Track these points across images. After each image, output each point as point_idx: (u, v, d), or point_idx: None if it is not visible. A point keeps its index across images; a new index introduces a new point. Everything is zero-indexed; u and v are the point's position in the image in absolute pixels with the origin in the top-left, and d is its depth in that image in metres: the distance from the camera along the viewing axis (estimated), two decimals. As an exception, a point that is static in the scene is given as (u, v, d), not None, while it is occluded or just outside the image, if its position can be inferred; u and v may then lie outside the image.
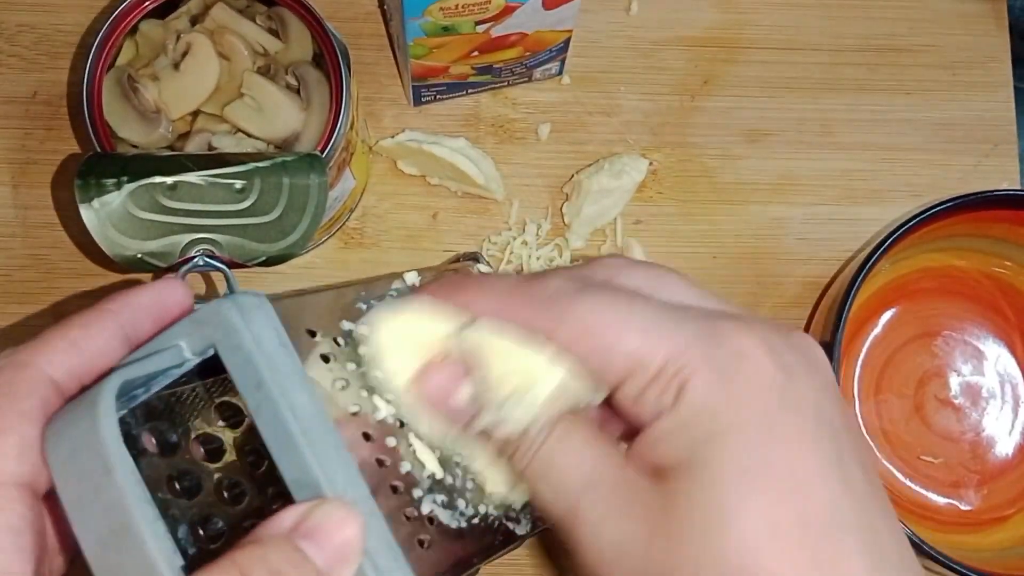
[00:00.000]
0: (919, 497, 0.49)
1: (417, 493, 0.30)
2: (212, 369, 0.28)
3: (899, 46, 0.55)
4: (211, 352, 0.26)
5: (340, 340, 0.30)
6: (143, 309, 0.29)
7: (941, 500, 0.49)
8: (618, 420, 0.31)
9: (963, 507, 0.49)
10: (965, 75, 0.55)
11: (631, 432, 0.29)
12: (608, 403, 0.31)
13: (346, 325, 0.30)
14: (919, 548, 0.42)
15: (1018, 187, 0.53)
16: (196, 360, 0.27)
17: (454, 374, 0.30)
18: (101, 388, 0.25)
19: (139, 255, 0.40)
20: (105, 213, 0.39)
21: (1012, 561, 0.46)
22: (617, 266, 0.31)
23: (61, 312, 0.49)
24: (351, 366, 0.30)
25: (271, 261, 0.41)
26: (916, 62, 0.55)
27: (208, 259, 0.40)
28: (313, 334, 0.29)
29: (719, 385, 0.27)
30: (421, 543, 0.29)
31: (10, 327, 0.49)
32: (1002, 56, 0.55)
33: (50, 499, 0.26)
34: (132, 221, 0.39)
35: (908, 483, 0.49)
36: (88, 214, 0.39)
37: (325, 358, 0.29)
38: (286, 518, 0.25)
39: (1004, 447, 0.50)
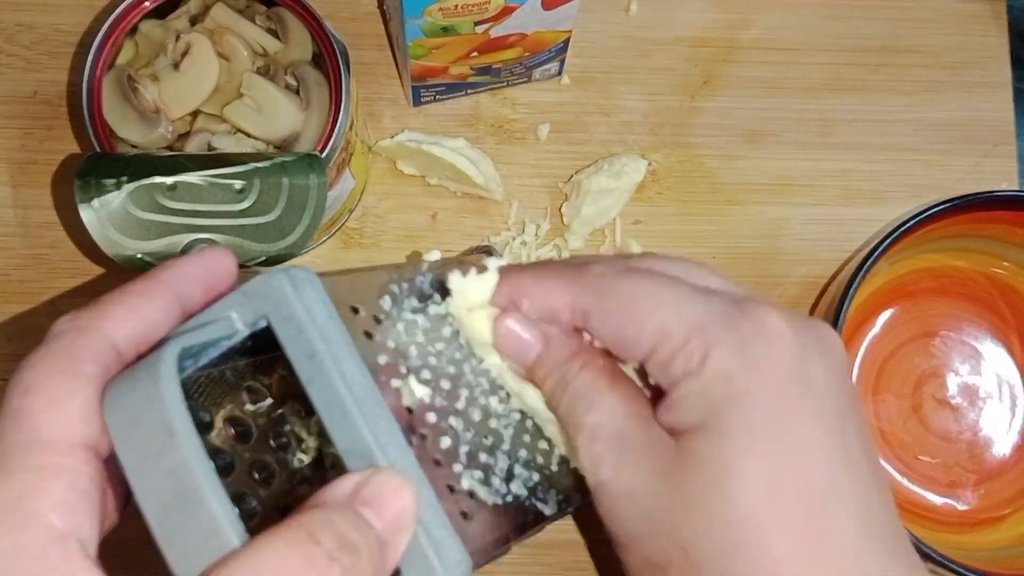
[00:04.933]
0: (916, 497, 0.49)
1: (457, 468, 0.30)
2: (246, 350, 0.28)
3: (899, 46, 0.55)
4: (262, 324, 0.27)
5: (380, 317, 0.30)
6: (194, 278, 0.29)
7: (938, 500, 0.49)
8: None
9: (960, 507, 0.49)
10: (965, 75, 0.55)
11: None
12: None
13: (385, 304, 0.31)
14: (916, 548, 0.42)
15: (1017, 188, 0.54)
16: (246, 331, 0.27)
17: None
18: (162, 353, 0.25)
19: (138, 255, 0.40)
20: (105, 213, 0.39)
21: (1009, 561, 0.46)
22: (654, 259, 0.35)
23: (60, 312, 0.49)
24: (391, 343, 0.30)
25: (271, 261, 0.41)
26: (916, 62, 0.55)
27: (207, 259, 0.40)
28: (356, 311, 0.29)
29: (739, 354, 0.29)
30: (464, 515, 0.29)
31: (10, 326, 0.49)
32: (1001, 56, 0.55)
33: (106, 462, 0.26)
34: (132, 221, 0.40)
35: (905, 483, 0.49)
36: (87, 214, 0.39)
37: (367, 334, 0.29)
38: (345, 485, 0.25)
39: (1001, 447, 0.50)
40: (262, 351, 0.27)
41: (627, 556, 0.31)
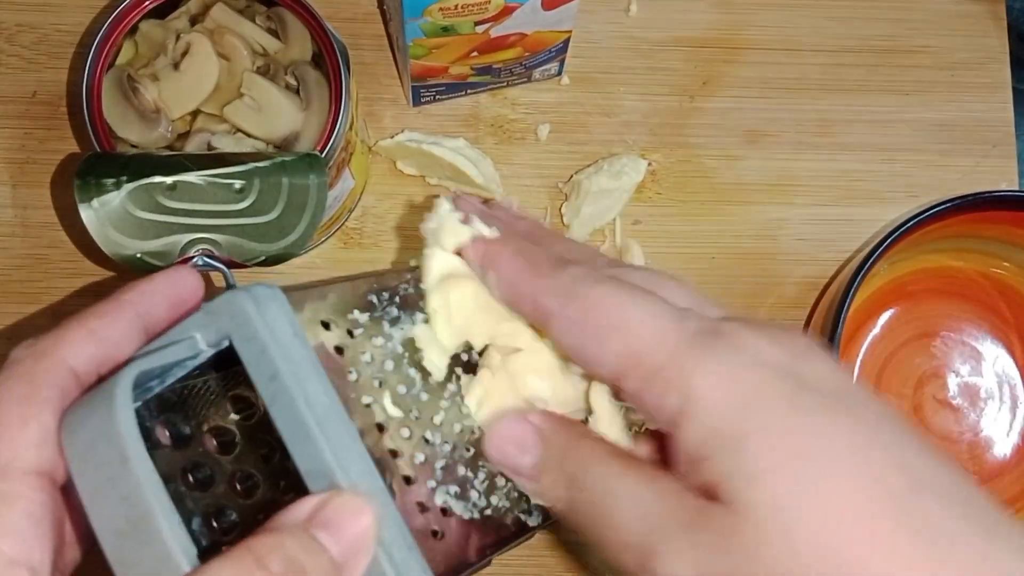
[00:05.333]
0: (917, 498, 0.49)
1: (431, 484, 0.30)
2: (226, 361, 0.28)
3: (898, 47, 0.55)
4: (226, 343, 0.26)
5: (353, 331, 0.30)
6: (158, 297, 0.29)
7: (939, 501, 0.49)
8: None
9: (961, 508, 0.49)
10: (964, 76, 0.55)
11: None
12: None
13: (360, 316, 0.31)
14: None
15: (1016, 188, 0.54)
16: (211, 351, 0.27)
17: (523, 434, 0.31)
18: (118, 379, 0.25)
19: (138, 255, 0.40)
20: (104, 213, 0.39)
21: (1010, 562, 0.46)
22: (621, 268, 0.32)
23: (59, 312, 0.49)
24: (365, 357, 0.30)
25: (270, 261, 0.41)
26: (915, 63, 0.55)
27: (207, 259, 0.40)
28: (327, 325, 0.29)
29: (730, 380, 0.26)
30: (435, 534, 0.29)
31: (9, 327, 0.49)
32: (1001, 57, 0.55)
33: (66, 490, 0.26)
34: (131, 221, 0.39)
35: (906, 483, 0.49)
36: (87, 214, 0.39)
37: (339, 349, 0.29)
38: (301, 508, 0.25)
39: (1002, 448, 0.50)
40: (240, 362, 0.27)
41: None
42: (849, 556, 0.24)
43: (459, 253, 0.33)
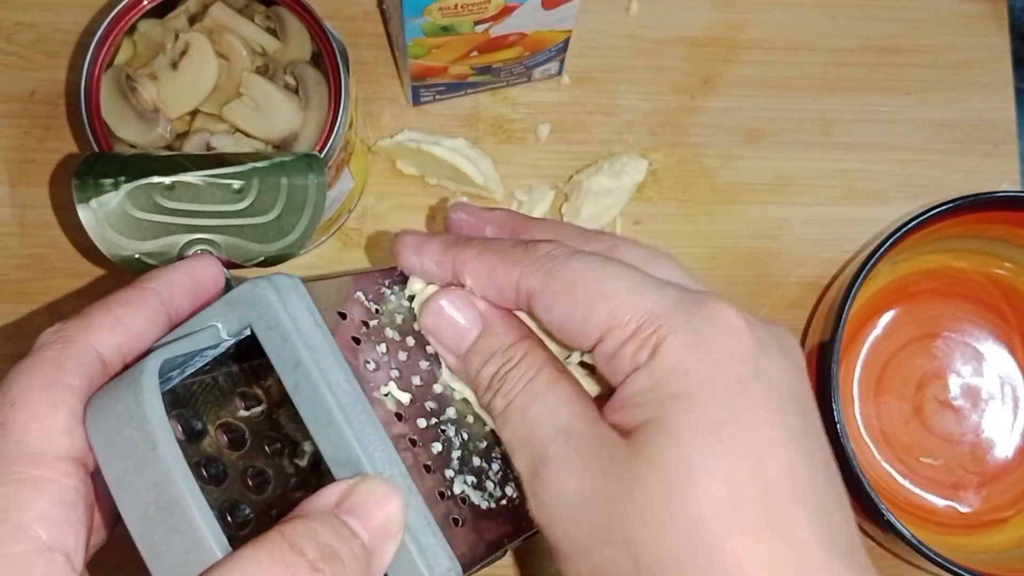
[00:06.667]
0: (918, 499, 0.49)
1: (449, 473, 0.30)
2: (238, 356, 0.28)
3: (899, 46, 0.55)
4: (247, 332, 0.27)
5: (368, 322, 0.30)
6: (180, 286, 0.29)
7: (940, 502, 0.49)
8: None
9: (962, 509, 0.49)
10: (966, 75, 0.55)
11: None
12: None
13: (376, 307, 0.31)
14: (918, 550, 0.42)
15: (1018, 188, 0.53)
16: (232, 340, 0.27)
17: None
18: (144, 366, 0.25)
19: (136, 255, 0.40)
20: (103, 213, 0.39)
21: (1012, 563, 0.46)
22: (614, 243, 0.32)
23: (58, 312, 0.49)
24: (381, 348, 0.30)
25: (269, 261, 0.41)
26: (916, 62, 0.55)
27: (206, 259, 0.40)
28: (344, 316, 0.29)
29: (695, 346, 0.27)
30: (455, 522, 0.29)
31: (7, 326, 0.49)
32: (1003, 56, 0.55)
33: (93, 475, 0.26)
34: (130, 221, 0.39)
35: (907, 485, 0.49)
36: (86, 214, 0.39)
37: (355, 340, 0.29)
38: (330, 494, 0.25)
39: (1004, 449, 0.50)
40: (255, 356, 0.27)
41: (569, 569, 0.28)
42: (716, 543, 0.26)
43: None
